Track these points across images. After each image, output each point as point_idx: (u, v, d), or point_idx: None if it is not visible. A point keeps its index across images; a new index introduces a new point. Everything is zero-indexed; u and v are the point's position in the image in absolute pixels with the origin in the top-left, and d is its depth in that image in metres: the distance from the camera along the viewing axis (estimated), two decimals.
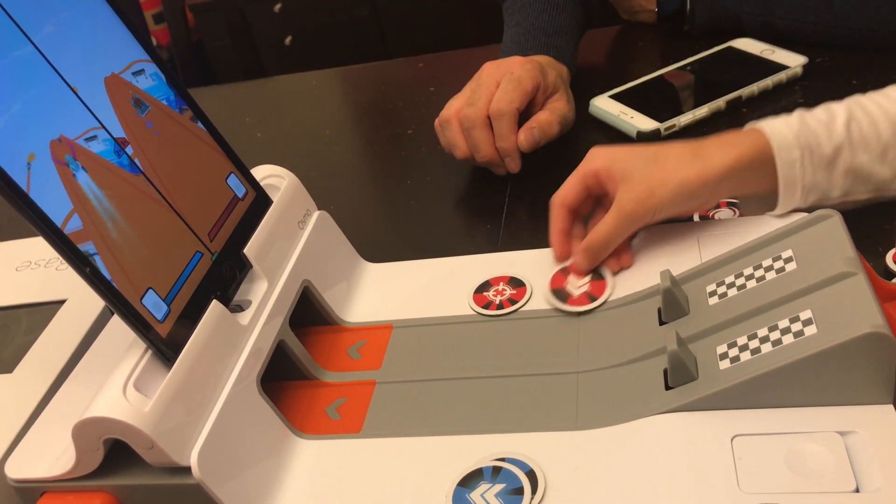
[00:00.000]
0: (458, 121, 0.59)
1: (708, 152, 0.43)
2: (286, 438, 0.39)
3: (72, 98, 0.36)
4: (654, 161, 0.43)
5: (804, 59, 0.62)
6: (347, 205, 0.62)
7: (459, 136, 0.59)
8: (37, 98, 0.35)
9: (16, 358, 0.45)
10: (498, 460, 0.36)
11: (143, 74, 0.40)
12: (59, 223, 0.33)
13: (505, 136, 0.58)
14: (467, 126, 0.58)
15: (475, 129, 0.58)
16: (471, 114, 0.58)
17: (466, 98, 0.59)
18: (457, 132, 0.59)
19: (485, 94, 0.59)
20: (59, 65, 0.36)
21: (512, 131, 0.58)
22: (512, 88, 0.58)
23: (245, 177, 0.44)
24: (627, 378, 0.38)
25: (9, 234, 0.58)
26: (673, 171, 0.42)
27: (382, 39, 1.76)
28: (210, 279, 0.39)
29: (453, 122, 0.59)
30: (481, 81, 0.60)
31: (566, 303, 0.43)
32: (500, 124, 0.58)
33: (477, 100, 0.58)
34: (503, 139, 0.58)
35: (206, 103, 0.44)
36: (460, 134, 0.59)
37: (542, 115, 0.59)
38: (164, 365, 0.36)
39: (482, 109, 0.58)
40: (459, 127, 0.59)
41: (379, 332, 0.45)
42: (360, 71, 0.87)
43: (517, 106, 0.58)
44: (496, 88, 0.59)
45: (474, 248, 0.55)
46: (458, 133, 0.59)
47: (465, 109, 0.58)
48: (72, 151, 0.35)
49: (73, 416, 0.34)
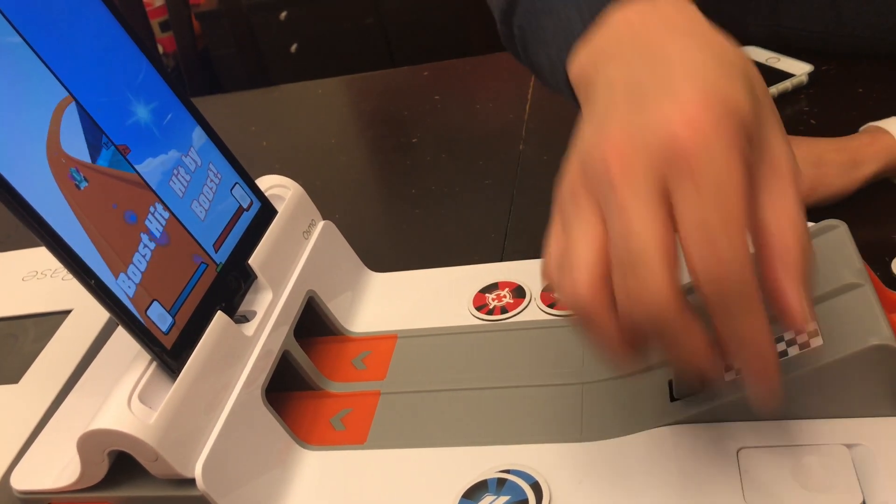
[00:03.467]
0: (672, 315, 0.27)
1: (864, 157, 0.45)
2: (291, 449, 0.39)
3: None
4: (816, 165, 0.45)
5: (810, 67, 0.62)
6: (352, 214, 0.62)
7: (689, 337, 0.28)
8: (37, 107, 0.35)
9: (22, 368, 0.45)
10: (503, 472, 0.36)
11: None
12: (63, 235, 0.33)
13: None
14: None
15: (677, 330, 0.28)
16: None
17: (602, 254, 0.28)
18: (682, 332, 0.28)
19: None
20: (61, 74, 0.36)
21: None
22: (722, 223, 0.26)
23: (250, 187, 0.44)
24: (632, 389, 0.38)
25: (15, 244, 0.58)
26: (834, 182, 0.45)
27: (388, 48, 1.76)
28: (215, 290, 0.39)
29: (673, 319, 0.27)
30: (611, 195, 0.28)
31: (555, 307, 0.44)
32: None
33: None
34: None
35: (211, 112, 0.44)
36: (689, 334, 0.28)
37: (779, 234, 0.27)
38: (169, 376, 0.36)
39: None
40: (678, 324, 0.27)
41: (383, 343, 0.45)
42: (365, 79, 0.87)
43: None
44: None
45: (479, 257, 0.55)
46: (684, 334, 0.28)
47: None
48: (74, 162, 0.35)
49: (78, 428, 0.34)
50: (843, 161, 0.44)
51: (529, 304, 0.45)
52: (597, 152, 0.28)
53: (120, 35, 0.39)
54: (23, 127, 0.34)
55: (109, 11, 0.39)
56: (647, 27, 0.32)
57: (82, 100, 0.36)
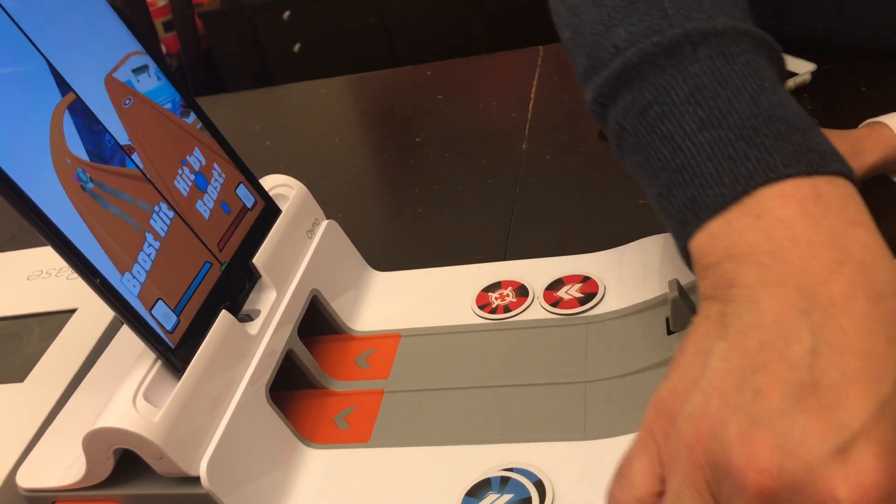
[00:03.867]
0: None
1: (864, 147, 0.45)
2: (295, 448, 0.39)
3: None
4: None
5: (813, 66, 0.62)
6: (355, 213, 0.62)
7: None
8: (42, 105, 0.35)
9: (27, 367, 0.46)
10: (506, 470, 0.36)
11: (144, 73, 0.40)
12: (69, 234, 0.34)
13: None
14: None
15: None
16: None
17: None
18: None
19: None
20: (63, 70, 0.36)
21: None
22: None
23: (254, 186, 0.44)
24: (636, 388, 0.38)
25: (20, 243, 0.59)
26: None
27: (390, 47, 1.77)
28: (219, 289, 0.39)
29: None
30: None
31: (558, 306, 0.44)
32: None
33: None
34: None
35: (214, 112, 0.44)
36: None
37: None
38: (174, 375, 0.36)
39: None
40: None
41: (387, 341, 0.45)
42: (368, 79, 0.87)
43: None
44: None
45: (482, 256, 0.55)
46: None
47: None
48: (80, 162, 0.35)
49: (83, 426, 0.34)
50: (844, 149, 0.44)
51: (532, 303, 0.45)
52: (738, 457, 0.24)
53: (124, 34, 0.39)
54: (27, 126, 0.34)
55: (113, 10, 0.39)
56: (813, 244, 0.27)
57: (87, 99, 0.37)
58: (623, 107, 0.34)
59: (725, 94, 0.31)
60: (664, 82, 0.32)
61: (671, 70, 0.32)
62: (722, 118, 0.30)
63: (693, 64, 0.32)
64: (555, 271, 0.46)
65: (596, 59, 0.35)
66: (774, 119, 0.30)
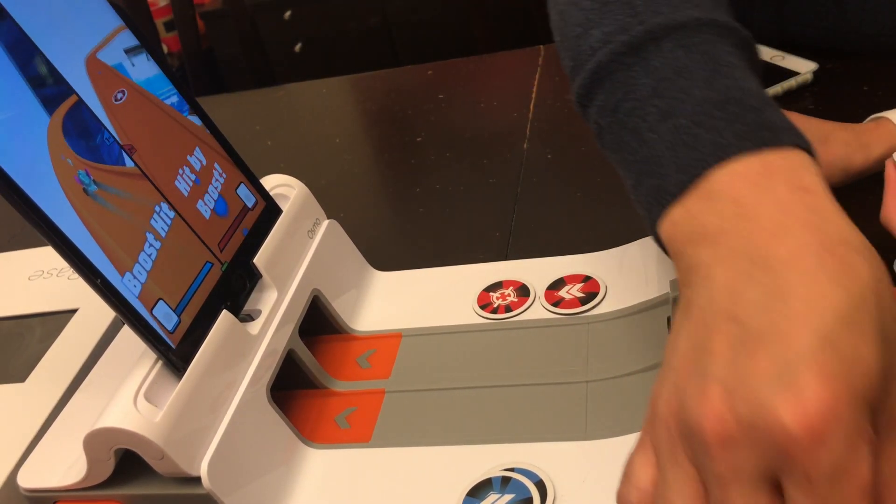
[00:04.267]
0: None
1: (870, 140, 0.45)
2: (296, 448, 0.39)
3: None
4: (824, 142, 0.44)
5: (815, 66, 0.62)
6: (357, 213, 0.62)
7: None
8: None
9: (28, 367, 0.46)
10: (507, 470, 0.36)
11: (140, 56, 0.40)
12: (69, 234, 0.34)
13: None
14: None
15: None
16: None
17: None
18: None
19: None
20: (65, 73, 0.36)
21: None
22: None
23: (255, 186, 0.44)
24: (637, 388, 0.38)
25: (21, 243, 0.59)
26: (841, 158, 0.44)
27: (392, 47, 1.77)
28: (220, 289, 0.39)
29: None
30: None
31: (559, 306, 0.44)
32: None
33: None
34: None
35: (216, 111, 0.44)
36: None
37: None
38: (175, 375, 0.36)
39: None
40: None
41: (388, 341, 0.45)
42: (369, 79, 0.87)
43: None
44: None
45: (483, 255, 0.55)
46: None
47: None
48: (80, 162, 0.35)
49: (84, 426, 0.34)
50: (850, 140, 0.44)
51: (534, 303, 0.45)
52: (694, 414, 0.25)
53: (125, 34, 0.39)
54: (28, 127, 0.34)
55: (114, 10, 0.39)
56: (760, 215, 0.28)
57: (87, 99, 0.36)
58: (598, 106, 0.35)
59: (682, 82, 0.32)
60: (631, 79, 0.33)
61: (637, 67, 0.33)
62: (679, 106, 0.31)
63: (656, 59, 0.33)
64: (556, 271, 0.46)
65: (576, 60, 0.36)
66: (730, 101, 0.31)
